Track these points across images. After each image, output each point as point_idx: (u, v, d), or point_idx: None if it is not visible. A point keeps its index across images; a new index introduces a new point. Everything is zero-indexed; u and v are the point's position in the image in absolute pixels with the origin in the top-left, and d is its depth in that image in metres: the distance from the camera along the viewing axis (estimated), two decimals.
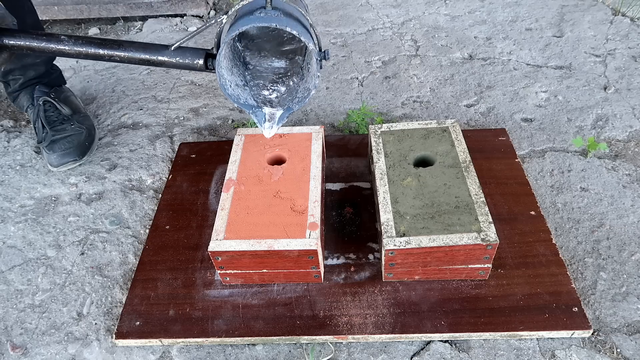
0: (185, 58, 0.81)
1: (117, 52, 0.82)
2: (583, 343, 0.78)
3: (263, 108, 0.89)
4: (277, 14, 0.76)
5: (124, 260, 0.96)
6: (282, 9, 0.78)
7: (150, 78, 1.45)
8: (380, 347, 0.79)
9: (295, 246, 0.78)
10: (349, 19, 1.67)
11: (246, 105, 0.88)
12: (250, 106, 0.88)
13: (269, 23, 0.74)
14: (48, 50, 0.83)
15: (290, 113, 0.88)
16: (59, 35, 0.83)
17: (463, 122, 1.21)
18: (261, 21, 0.74)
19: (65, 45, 0.82)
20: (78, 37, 0.83)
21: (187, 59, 0.82)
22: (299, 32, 0.75)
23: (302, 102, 0.86)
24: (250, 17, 0.76)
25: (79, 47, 0.82)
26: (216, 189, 1.05)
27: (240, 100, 0.87)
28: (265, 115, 0.88)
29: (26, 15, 1.15)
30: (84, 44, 0.82)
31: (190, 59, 0.81)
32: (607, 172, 1.04)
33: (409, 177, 0.87)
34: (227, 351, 0.80)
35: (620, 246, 0.90)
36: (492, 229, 0.78)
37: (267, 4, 0.76)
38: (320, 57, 0.79)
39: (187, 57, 0.81)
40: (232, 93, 0.85)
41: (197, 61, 0.82)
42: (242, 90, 0.89)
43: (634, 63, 1.33)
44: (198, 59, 0.81)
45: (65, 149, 1.13)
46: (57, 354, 0.82)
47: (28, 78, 1.19)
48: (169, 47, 0.81)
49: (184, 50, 0.81)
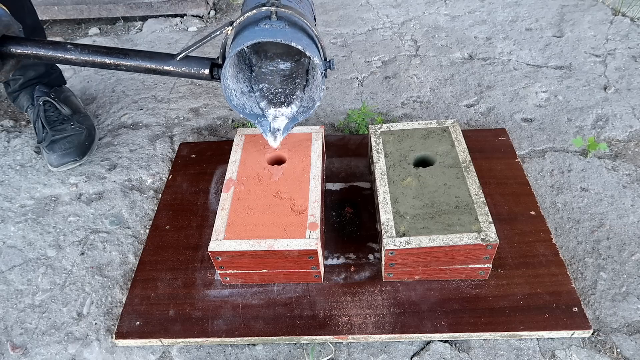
0: (191, 68, 0.82)
1: (123, 62, 0.82)
2: (583, 343, 0.78)
3: (268, 117, 0.89)
4: (282, 26, 0.76)
5: (124, 260, 0.96)
6: (288, 19, 0.78)
7: (150, 78, 1.45)
8: (380, 347, 0.79)
9: (295, 246, 0.78)
10: (349, 19, 1.67)
11: (251, 115, 0.88)
12: (255, 116, 0.89)
13: (273, 37, 0.74)
14: (55, 58, 0.83)
15: (295, 123, 0.89)
16: (66, 44, 0.83)
17: (463, 122, 1.21)
18: (266, 35, 0.74)
19: (71, 54, 0.82)
20: (84, 46, 0.83)
21: (193, 69, 0.82)
22: (304, 46, 0.74)
23: (308, 112, 0.87)
24: (255, 30, 0.75)
25: (85, 56, 0.82)
26: (216, 189, 1.05)
27: (245, 110, 0.87)
28: (270, 124, 0.89)
29: (26, 16, 1.15)
30: (90, 52, 0.83)
31: (195, 68, 0.82)
32: (607, 172, 1.04)
33: (409, 177, 0.87)
34: (227, 351, 0.80)
35: (620, 246, 0.90)
36: (492, 229, 0.78)
37: (272, 14, 0.76)
38: (326, 67, 0.79)
39: (192, 67, 0.82)
40: (238, 103, 0.85)
41: (202, 71, 0.82)
42: (247, 98, 0.89)
43: (634, 63, 1.33)
44: (204, 68, 0.82)
45: (66, 149, 1.13)
46: (57, 354, 0.82)
47: (28, 78, 1.19)
48: (175, 57, 0.81)
49: (190, 60, 0.82)
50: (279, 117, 0.89)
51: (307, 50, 0.75)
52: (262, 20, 0.77)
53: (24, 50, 0.82)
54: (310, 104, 0.86)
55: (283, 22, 0.76)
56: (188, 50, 0.80)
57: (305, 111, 0.88)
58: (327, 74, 0.81)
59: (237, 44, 0.75)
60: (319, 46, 0.80)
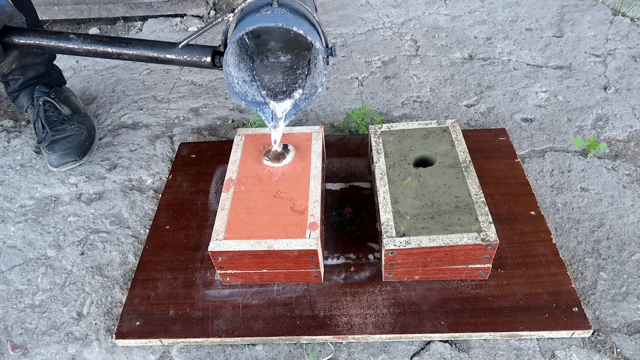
0: (192, 56, 0.82)
1: (125, 50, 0.82)
2: (583, 343, 0.78)
3: (269, 104, 0.88)
4: (284, 12, 0.75)
5: (124, 260, 0.96)
6: (289, 5, 0.77)
7: (150, 78, 1.45)
8: (380, 347, 0.79)
9: (295, 246, 0.78)
10: (349, 19, 1.67)
11: (253, 102, 0.88)
12: (257, 103, 0.88)
13: (275, 22, 0.73)
14: (57, 48, 0.83)
15: (297, 110, 0.88)
16: (68, 34, 0.83)
17: (463, 122, 1.21)
18: (268, 20, 0.74)
19: (74, 44, 0.82)
20: (87, 36, 0.83)
21: (195, 57, 0.82)
22: (305, 31, 0.74)
23: (310, 99, 0.86)
24: (256, 16, 0.75)
25: (87, 45, 0.83)
26: (216, 189, 1.05)
27: (247, 97, 0.87)
28: (272, 112, 0.88)
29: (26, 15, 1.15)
30: (92, 42, 0.83)
31: (197, 56, 0.82)
32: (607, 172, 1.04)
33: (409, 177, 0.87)
34: (227, 351, 0.80)
35: (620, 246, 0.90)
36: (492, 229, 0.78)
37: (274, 1, 0.76)
38: (327, 53, 0.79)
39: (194, 55, 0.82)
40: (240, 91, 0.85)
41: (204, 59, 0.82)
42: (249, 87, 0.89)
43: (634, 63, 1.33)
44: (205, 56, 0.81)
45: (66, 149, 1.13)
46: (57, 354, 0.82)
47: (28, 78, 1.19)
48: (177, 45, 0.81)
49: (192, 48, 0.82)
50: (281, 105, 0.88)
51: (309, 35, 0.74)
52: (264, 7, 0.76)
53: (26, 40, 0.82)
54: (312, 91, 0.85)
55: (284, 8, 0.76)
56: (190, 38, 0.80)
57: (307, 98, 0.87)
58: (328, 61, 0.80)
59: (239, 29, 0.75)
60: (320, 32, 0.80)
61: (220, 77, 1.43)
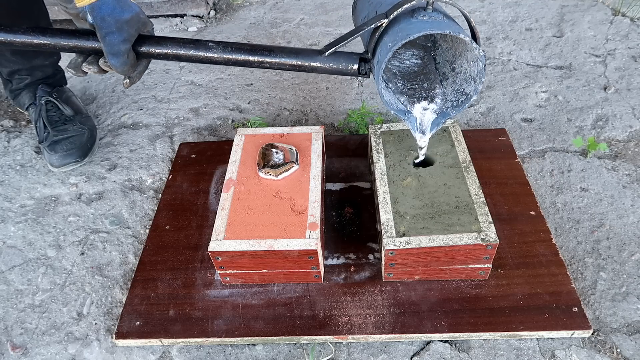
0: (339, 64, 0.77)
1: (267, 59, 0.78)
2: (583, 343, 0.78)
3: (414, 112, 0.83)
4: (441, 17, 0.70)
5: (124, 260, 0.96)
6: (440, 9, 0.72)
7: (150, 78, 1.45)
8: (380, 347, 0.79)
9: (295, 246, 0.78)
10: (349, 19, 1.66)
11: (399, 111, 0.83)
12: (403, 112, 0.83)
13: (442, 30, 0.68)
14: (195, 57, 0.78)
15: (446, 119, 0.82)
16: (207, 42, 0.78)
17: (463, 122, 1.21)
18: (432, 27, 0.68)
19: (213, 52, 0.78)
20: (226, 44, 0.78)
21: (341, 65, 0.77)
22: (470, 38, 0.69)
23: (461, 107, 0.80)
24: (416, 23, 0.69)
25: (227, 54, 0.78)
26: (216, 189, 1.05)
27: (394, 105, 0.82)
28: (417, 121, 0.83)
29: (40, 16, 1.15)
30: (233, 50, 0.78)
31: (344, 64, 0.77)
32: (607, 172, 1.04)
33: (409, 177, 0.87)
34: (227, 351, 0.80)
35: (620, 246, 0.90)
36: (492, 229, 0.78)
37: (429, 5, 0.70)
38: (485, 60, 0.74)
39: (340, 63, 0.77)
40: (389, 99, 0.80)
41: (351, 67, 0.77)
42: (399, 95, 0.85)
43: (634, 63, 1.33)
44: (352, 64, 0.77)
45: (67, 149, 1.12)
46: (57, 354, 0.82)
47: (35, 79, 1.19)
48: (322, 53, 0.77)
49: (338, 56, 0.77)
50: (425, 113, 0.84)
51: (475, 42, 0.70)
52: (417, 12, 0.71)
53: (163, 50, 0.77)
54: (462, 98, 0.80)
55: (440, 13, 0.71)
56: (337, 46, 0.76)
57: (457, 106, 0.81)
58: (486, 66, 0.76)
59: (400, 37, 0.69)
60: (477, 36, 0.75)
61: (220, 77, 1.43)
